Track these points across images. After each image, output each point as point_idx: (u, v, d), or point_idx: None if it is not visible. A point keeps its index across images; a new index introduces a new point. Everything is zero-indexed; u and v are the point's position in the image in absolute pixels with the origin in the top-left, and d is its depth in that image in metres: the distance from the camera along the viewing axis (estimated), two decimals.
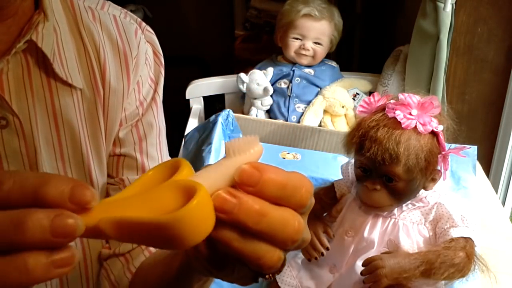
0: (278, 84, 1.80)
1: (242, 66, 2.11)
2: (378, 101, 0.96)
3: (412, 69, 1.70)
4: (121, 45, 0.67)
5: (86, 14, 0.65)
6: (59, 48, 0.61)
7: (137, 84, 0.69)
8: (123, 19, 0.69)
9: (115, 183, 0.70)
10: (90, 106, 0.65)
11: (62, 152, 0.64)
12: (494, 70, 1.63)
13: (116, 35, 0.67)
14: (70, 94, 0.63)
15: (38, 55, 0.60)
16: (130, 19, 0.70)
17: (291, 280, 1.06)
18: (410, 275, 0.90)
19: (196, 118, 1.81)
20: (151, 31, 0.73)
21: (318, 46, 1.79)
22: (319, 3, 1.78)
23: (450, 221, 0.95)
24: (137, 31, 0.69)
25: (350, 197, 1.04)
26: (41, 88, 0.61)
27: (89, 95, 0.65)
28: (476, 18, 1.57)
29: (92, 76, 0.65)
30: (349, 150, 0.99)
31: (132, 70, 0.68)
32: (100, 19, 0.66)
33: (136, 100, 0.70)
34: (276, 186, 0.34)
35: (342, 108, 1.76)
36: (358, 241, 1.00)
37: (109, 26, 0.67)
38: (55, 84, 0.62)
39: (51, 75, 0.61)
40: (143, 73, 0.70)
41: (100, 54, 0.65)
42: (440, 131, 0.92)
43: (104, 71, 0.65)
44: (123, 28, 0.68)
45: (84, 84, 0.64)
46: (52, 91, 0.62)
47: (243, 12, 2.67)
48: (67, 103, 0.63)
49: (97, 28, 0.66)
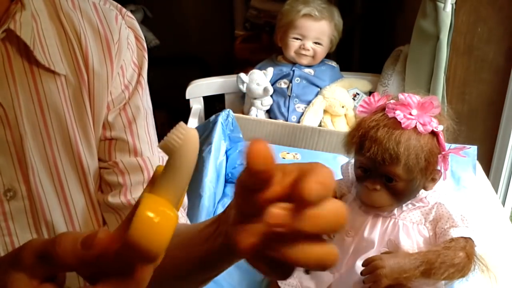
0: (278, 84, 1.80)
1: (242, 66, 2.11)
2: (378, 101, 0.96)
3: (412, 69, 1.70)
4: (102, 30, 0.68)
5: (66, 3, 0.66)
6: (40, 35, 0.62)
7: (121, 68, 0.70)
8: (102, 6, 0.70)
9: (108, 166, 0.71)
10: (75, 91, 0.66)
11: (49, 137, 0.65)
12: (494, 70, 1.63)
13: (96, 21, 0.68)
14: (53, 81, 0.64)
15: (19, 44, 0.60)
16: (110, 5, 0.71)
17: (291, 280, 1.06)
18: (410, 275, 0.90)
19: (196, 118, 1.81)
20: (131, 16, 0.74)
21: (318, 46, 1.79)
22: (319, 3, 1.78)
23: (450, 221, 0.95)
24: (117, 16, 0.70)
25: (350, 197, 1.04)
26: (24, 76, 0.62)
27: (74, 81, 0.65)
28: (476, 18, 1.57)
29: (75, 62, 0.66)
30: (349, 150, 0.99)
31: (115, 55, 0.69)
32: (80, 7, 0.67)
33: (121, 84, 0.70)
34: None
35: (342, 108, 1.76)
36: (358, 241, 1.00)
37: (89, 12, 0.68)
38: (37, 71, 0.62)
39: (33, 63, 0.62)
40: (125, 57, 0.70)
41: (81, 40, 0.66)
42: (440, 131, 0.92)
43: (87, 56, 0.66)
44: (103, 14, 0.69)
45: (68, 70, 0.65)
46: (36, 78, 0.62)
47: (243, 12, 2.66)
48: (51, 89, 0.63)
49: (77, 15, 0.67)
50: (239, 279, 1.17)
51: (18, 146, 0.62)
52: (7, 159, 0.62)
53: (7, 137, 0.61)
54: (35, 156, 0.63)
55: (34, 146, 0.64)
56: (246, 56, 2.40)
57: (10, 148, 0.62)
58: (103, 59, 0.68)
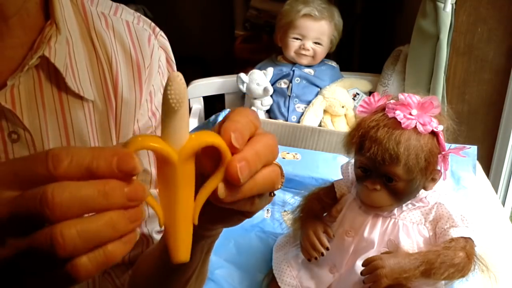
0: (278, 84, 1.81)
1: (242, 66, 2.11)
2: (378, 101, 0.96)
3: (412, 69, 1.70)
4: (134, 54, 0.66)
5: (99, 22, 0.64)
6: (71, 59, 0.60)
7: (149, 94, 0.68)
8: (136, 25, 0.67)
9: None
10: (102, 118, 0.64)
11: None
12: (494, 70, 1.63)
13: (129, 44, 0.66)
14: (81, 107, 0.62)
15: (49, 69, 0.59)
16: (144, 24, 0.68)
17: (291, 280, 1.06)
18: (410, 275, 0.91)
19: (196, 118, 1.81)
20: (164, 36, 0.71)
21: (318, 46, 1.79)
22: (319, 3, 1.78)
23: (450, 221, 0.95)
24: (151, 37, 0.68)
25: (350, 197, 1.04)
26: (52, 102, 0.60)
27: (101, 106, 0.64)
28: (476, 18, 1.57)
29: (104, 87, 0.64)
30: (349, 150, 0.99)
31: (145, 81, 0.67)
32: (114, 27, 0.65)
33: (148, 111, 0.69)
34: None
35: (342, 108, 1.76)
36: (358, 241, 1.00)
37: (122, 33, 0.65)
38: (66, 97, 0.61)
39: (62, 89, 0.60)
40: (155, 82, 0.69)
41: (112, 65, 0.64)
42: (440, 131, 0.92)
43: (117, 82, 0.64)
44: (136, 36, 0.66)
45: (96, 95, 0.63)
46: (63, 104, 0.61)
47: (243, 12, 2.66)
48: (78, 115, 0.62)
49: (110, 36, 0.64)
50: (239, 279, 1.18)
51: None
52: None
53: None
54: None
55: None
56: (246, 56, 2.40)
57: None
58: (132, 85, 0.66)
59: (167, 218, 0.40)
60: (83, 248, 0.35)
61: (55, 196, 0.34)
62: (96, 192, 0.35)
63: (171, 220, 0.40)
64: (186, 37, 2.81)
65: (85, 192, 0.35)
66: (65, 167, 0.35)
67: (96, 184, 0.35)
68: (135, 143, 0.38)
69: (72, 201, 0.34)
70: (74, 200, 0.34)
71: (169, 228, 0.40)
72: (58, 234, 0.34)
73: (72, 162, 0.35)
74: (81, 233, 0.34)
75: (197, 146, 0.39)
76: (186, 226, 0.40)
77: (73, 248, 0.34)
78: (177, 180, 0.39)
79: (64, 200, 0.34)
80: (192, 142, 0.39)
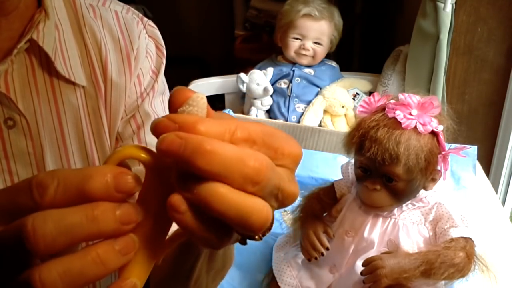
0: (278, 84, 1.80)
1: (242, 66, 2.11)
2: (378, 101, 0.96)
3: (412, 69, 1.70)
4: (122, 40, 0.68)
5: (88, 12, 0.66)
6: (61, 46, 0.61)
7: (137, 77, 0.69)
8: (125, 15, 0.69)
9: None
10: (93, 103, 0.65)
11: (66, 150, 0.64)
12: (494, 70, 1.63)
13: (117, 31, 0.68)
14: (73, 92, 0.63)
15: (40, 54, 0.60)
16: (132, 14, 0.70)
17: (291, 280, 1.06)
18: (410, 275, 0.90)
19: None
20: (153, 26, 0.73)
21: (318, 46, 1.79)
22: (319, 3, 1.78)
23: (450, 221, 0.95)
24: (139, 24, 0.70)
25: (350, 197, 1.04)
26: (44, 87, 0.61)
27: (91, 92, 0.65)
28: (476, 18, 1.57)
29: (93, 73, 0.65)
30: (349, 150, 0.99)
31: (133, 64, 0.68)
32: (101, 16, 0.67)
33: (136, 93, 0.70)
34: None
35: (342, 108, 1.76)
36: (358, 241, 1.00)
37: (110, 22, 0.67)
38: (57, 83, 0.62)
39: (53, 74, 0.61)
40: (143, 66, 0.70)
41: (101, 51, 0.65)
42: (440, 131, 0.92)
43: (106, 67, 0.66)
44: (124, 24, 0.68)
45: (86, 81, 0.64)
46: (55, 89, 0.62)
47: (243, 12, 2.67)
48: (70, 100, 0.63)
49: (98, 25, 0.66)
50: (239, 279, 1.17)
51: (39, 158, 0.61)
52: (27, 171, 0.61)
53: (28, 149, 0.61)
54: (52, 167, 0.63)
55: (52, 157, 0.63)
56: (246, 56, 2.40)
57: (30, 159, 0.61)
58: (122, 69, 0.67)
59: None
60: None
61: (37, 228, 0.30)
62: (84, 218, 0.31)
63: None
64: (186, 37, 2.81)
65: (71, 219, 0.31)
66: (51, 193, 0.32)
67: (84, 208, 0.31)
68: (125, 150, 0.34)
69: (57, 232, 0.30)
70: (60, 230, 0.30)
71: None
72: (37, 280, 0.30)
73: (60, 187, 0.32)
74: (63, 276, 0.30)
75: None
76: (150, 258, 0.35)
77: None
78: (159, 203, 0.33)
79: (47, 231, 0.30)
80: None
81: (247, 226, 0.32)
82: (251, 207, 0.32)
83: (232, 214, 0.31)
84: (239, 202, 0.31)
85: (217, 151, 0.30)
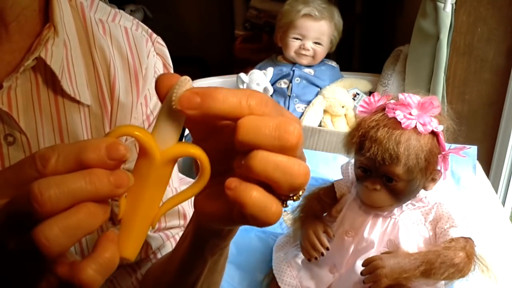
0: (278, 84, 1.81)
1: (242, 66, 2.12)
2: (378, 101, 0.96)
3: (412, 69, 1.70)
4: (131, 59, 0.66)
5: (97, 28, 0.64)
6: (68, 63, 0.60)
7: (144, 98, 0.68)
8: (134, 31, 0.68)
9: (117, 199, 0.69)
10: (97, 122, 0.64)
11: None
12: (494, 70, 1.63)
13: (126, 49, 0.66)
14: (77, 111, 0.62)
15: (46, 72, 0.59)
16: (142, 30, 0.69)
17: (291, 280, 1.06)
18: (410, 275, 0.90)
19: None
20: (162, 43, 0.72)
21: (318, 46, 1.79)
22: (319, 3, 1.78)
23: (450, 221, 0.95)
24: (148, 42, 0.69)
25: (350, 197, 1.04)
26: (48, 105, 0.60)
27: (96, 111, 0.64)
28: (476, 18, 1.57)
29: (99, 92, 0.64)
30: (349, 150, 0.99)
31: (142, 85, 0.67)
32: (111, 33, 0.65)
33: (143, 114, 0.69)
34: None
35: (342, 108, 1.76)
36: (358, 241, 1.00)
37: (120, 39, 0.66)
38: (62, 101, 0.61)
39: (58, 92, 0.60)
40: (151, 87, 0.69)
41: (110, 70, 0.64)
42: (440, 131, 0.92)
43: (114, 87, 0.65)
44: (133, 41, 0.67)
45: (92, 100, 0.63)
46: (59, 107, 0.61)
47: (243, 12, 2.67)
48: (73, 119, 0.62)
49: (108, 42, 0.65)
50: (239, 279, 1.18)
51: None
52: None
53: None
54: None
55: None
56: (246, 56, 2.40)
57: None
58: (129, 89, 0.66)
59: (128, 212, 0.39)
60: (70, 244, 0.35)
61: (43, 190, 0.34)
62: (83, 181, 0.35)
63: (131, 216, 0.39)
64: (186, 37, 2.81)
65: (72, 182, 0.35)
66: (53, 164, 0.36)
67: (82, 174, 0.35)
68: (122, 128, 0.38)
69: (60, 193, 0.34)
70: (62, 192, 0.35)
71: (126, 222, 0.39)
72: (42, 237, 0.34)
73: (60, 158, 0.36)
74: (64, 230, 0.34)
75: (180, 153, 0.39)
76: (143, 227, 0.40)
77: (60, 248, 0.34)
78: (150, 177, 0.39)
79: (52, 194, 0.34)
80: (177, 148, 0.39)
81: (293, 183, 0.38)
82: (293, 163, 0.37)
83: (278, 174, 0.37)
84: (283, 162, 0.37)
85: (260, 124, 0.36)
